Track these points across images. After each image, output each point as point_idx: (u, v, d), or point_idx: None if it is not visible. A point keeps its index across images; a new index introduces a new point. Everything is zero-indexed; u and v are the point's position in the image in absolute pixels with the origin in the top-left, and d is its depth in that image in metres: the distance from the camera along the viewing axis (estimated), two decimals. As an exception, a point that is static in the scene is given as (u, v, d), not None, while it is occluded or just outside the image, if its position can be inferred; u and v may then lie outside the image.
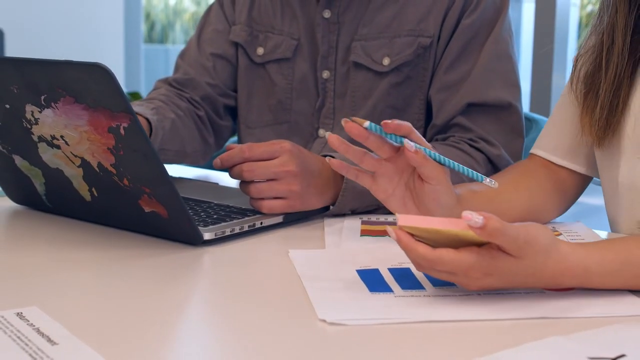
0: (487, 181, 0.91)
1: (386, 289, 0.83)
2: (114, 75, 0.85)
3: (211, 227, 0.99)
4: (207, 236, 0.97)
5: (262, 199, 1.06)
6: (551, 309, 0.78)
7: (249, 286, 0.85)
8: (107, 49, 4.92)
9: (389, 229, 0.79)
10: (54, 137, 0.96)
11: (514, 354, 0.66)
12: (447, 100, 1.29)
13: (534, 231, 0.77)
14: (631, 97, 1.03)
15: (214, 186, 1.29)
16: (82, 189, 1.01)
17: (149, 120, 1.23)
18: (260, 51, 1.42)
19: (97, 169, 0.96)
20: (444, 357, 0.67)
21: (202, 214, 1.06)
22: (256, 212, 1.07)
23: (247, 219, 1.04)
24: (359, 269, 0.89)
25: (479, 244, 0.77)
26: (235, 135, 1.53)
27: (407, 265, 0.88)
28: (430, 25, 1.30)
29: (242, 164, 1.05)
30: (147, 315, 0.76)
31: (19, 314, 0.73)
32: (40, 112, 0.94)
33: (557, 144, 1.13)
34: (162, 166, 0.91)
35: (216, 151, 1.44)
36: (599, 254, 0.81)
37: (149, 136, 1.21)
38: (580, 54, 1.09)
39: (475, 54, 1.29)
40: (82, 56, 3.27)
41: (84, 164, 0.97)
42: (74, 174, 1.00)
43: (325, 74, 1.37)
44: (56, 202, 1.09)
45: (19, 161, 1.05)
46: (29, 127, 0.97)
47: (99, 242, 0.99)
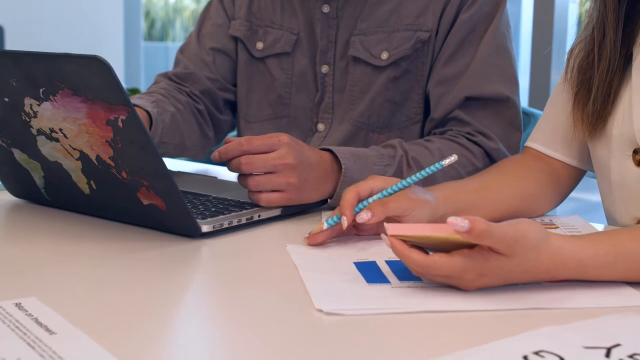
0: (446, 161, 0.93)
1: (383, 280, 0.83)
2: (112, 67, 0.85)
3: (209, 219, 0.99)
4: (205, 229, 0.97)
5: (260, 192, 1.06)
6: (547, 299, 0.78)
7: (247, 277, 0.86)
8: (107, 46, 4.93)
9: (383, 236, 0.80)
10: (52, 130, 0.97)
11: (510, 344, 0.67)
12: (445, 94, 1.30)
13: (522, 228, 0.77)
14: (622, 91, 1.03)
15: (213, 180, 1.29)
16: (81, 182, 1.02)
17: (149, 113, 1.23)
18: (259, 46, 1.42)
19: (95, 162, 0.96)
20: (440, 346, 0.68)
21: (200, 207, 1.06)
22: (254, 205, 1.07)
23: (245, 211, 1.04)
24: (356, 261, 0.90)
25: (470, 246, 0.77)
26: (235, 129, 1.53)
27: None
28: (428, 19, 1.30)
29: (241, 156, 1.05)
30: (145, 306, 0.76)
31: (17, 304, 0.73)
32: (39, 105, 0.94)
33: (551, 137, 1.13)
34: (160, 159, 0.91)
35: (216, 145, 1.44)
36: (593, 246, 0.81)
37: (149, 129, 1.22)
38: (574, 47, 1.10)
39: (473, 48, 1.29)
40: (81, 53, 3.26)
41: (83, 157, 0.97)
42: (73, 167, 1.00)
43: (324, 69, 1.37)
44: (55, 195, 1.09)
45: (18, 154, 1.05)
46: (28, 120, 0.98)
47: (97, 234, 1.00)
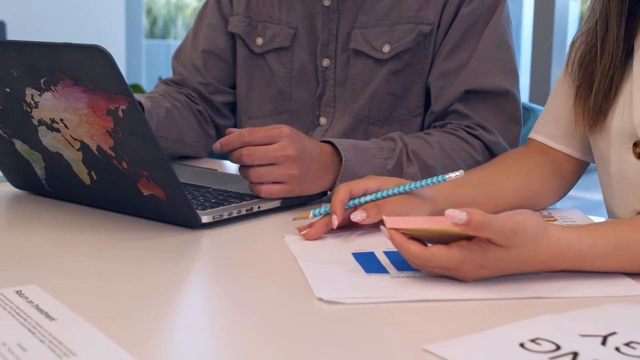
0: (452, 175, 0.92)
1: (382, 270, 0.83)
2: (112, 57, 0.85)
3: (209, 210, 1.00)
4: (205, 219, 0.97)
5: (261, 183, 1.07)
6: (545, 289, 0.78)
7: (247, 267, 0.86)
8: (109, 43, 4.92)
9: (382, 228, 0.80)
10: (53, 121, 0.97)
11: (506, 331, 0.67)
12: (445, 87, 1.30)
13: (521, 219, 0.77)
14: (622, 85, 1.03)
15: (213, 172, 1.29)
16: (82, 172, 1.02)
17: (142, 105, 1.25)
18: (259, 41, 1.42)
19: (96, 152, 0.97)
20: (438, 334, 0.68)
21: (200, 198, 1.06)
22: (254, 196, 1.08)
23: (245, 203, 1.05)
24: (354, 252, 0.90)
25: (468, 237, 0.77)
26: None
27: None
28: (430, 12, 1.31)
29: (242, 148, 1.06)
30: (145, 294, 0.77)
31: (18, 291, 0.74)
32: (40, 95, 0.95)
33: (554, 129, 1.13)
34: (161, 149, 0.91)
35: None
36: (591, 237, 0.81)
37: None
38: (575, 39, 1.10)
39: (474, 42, 1.30)
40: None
41: (84, 147, 0.98)
42: (74, 158, 1.01)
43: (325, 62, 1.37)
44: (56, 186, 1.10)
45: (19, 145, 1.06)
46: (29, 110, 0.98)
47: (97, 225, 1.00)
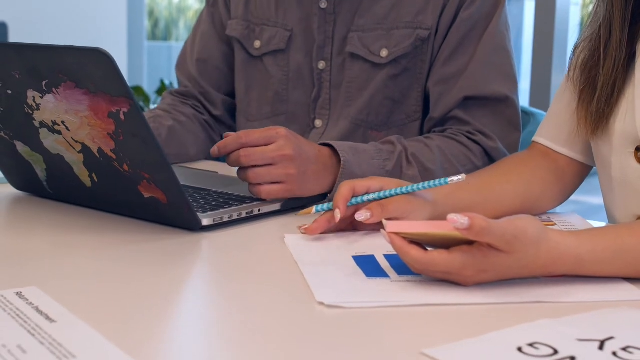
0: (454, 179, 0.93)
1: (382, 274, 0.84)
2: (114, 59, 0.86)
3: (210, 213, 1.00)
4: (205, 222, 0.98)
5: (260, 184, 1.07)
6: (544, 293, 0.79)
7: (247, 270, 0.86)
8: (110, 45, 4.92)
9: (383, 232, 0.81)
10: (55, 123, 0.97)
11: (505, 335, 0.67)
12: (444, 93, 1.30)
13: (521, 224, 0.78)
14: (625, 89, 1.03)
15: (213, 175, 1.29)
16: (83, 174, 1.02)
17: None
18: (257, 44, 1.43)
19: (97, 155, 0.97)
20: (437, 338, 0.68)
21: (200, 200, 1.07)
22: (254, 199, 1.08)
23: (245, 205, 1.05)
24: (354, 255, 0.90)
25: (469, 242, 0.78)
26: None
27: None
28: (428, 17, 1.31)
29: (239, 150, 1.06)
30: (145, 296, 0.77)
31: (18, 293, 0.74)
32: (41, 97, 0.95)
33: (557, 132, 1.13)
34: (162, 151, 0.92)
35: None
36: (591, 242, 0.82)
37: None
38: (578, 44, 1.10)
39: (472, 47, 1.30)
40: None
41: (85, 150, 0.98)
42: (75, 160, 1.01)
43: (321, 65, 1.38)
44: (57, 188, 1.10)
45: (20, 147, 1.06)
46: (31, 112, 0.98)
47: (98, 227, 1.00)
